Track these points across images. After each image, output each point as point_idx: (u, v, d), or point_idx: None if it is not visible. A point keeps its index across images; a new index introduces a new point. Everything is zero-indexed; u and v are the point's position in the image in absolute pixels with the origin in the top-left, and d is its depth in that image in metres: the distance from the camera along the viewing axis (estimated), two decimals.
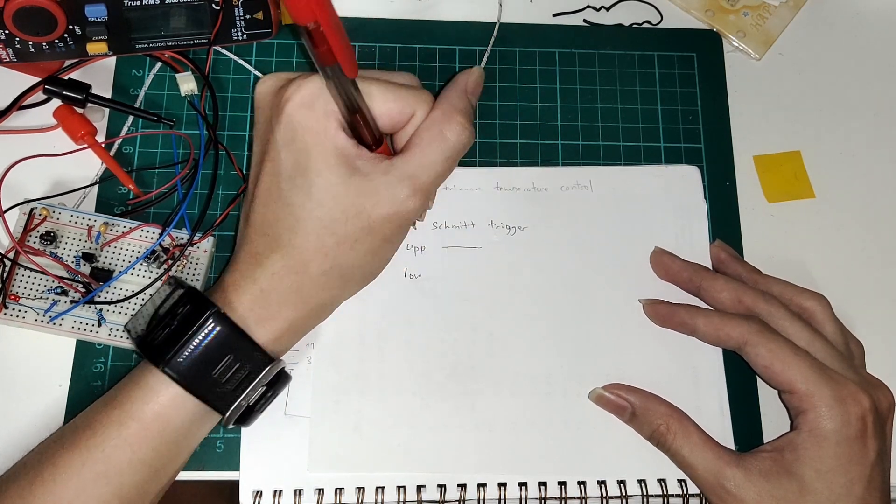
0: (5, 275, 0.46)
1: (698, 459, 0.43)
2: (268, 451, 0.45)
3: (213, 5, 0.49)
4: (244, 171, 0.51)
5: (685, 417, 0.45)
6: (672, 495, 0.45)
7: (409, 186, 0.40)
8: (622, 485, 0.46)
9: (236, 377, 0.40)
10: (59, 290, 0.46)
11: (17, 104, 0.50)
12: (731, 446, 0.46)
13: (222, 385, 0.40)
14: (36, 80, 0.50)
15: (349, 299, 0.45)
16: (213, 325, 0.40)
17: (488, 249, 0.47)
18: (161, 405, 0.39)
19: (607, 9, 0.57)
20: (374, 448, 0.45)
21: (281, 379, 0.43)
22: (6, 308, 0.46)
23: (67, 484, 0.38)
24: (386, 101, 0.41)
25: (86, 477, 0.38)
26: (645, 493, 0.45)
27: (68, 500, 0.38)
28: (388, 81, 0.42)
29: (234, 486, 0.45)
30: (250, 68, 0.53)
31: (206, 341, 0.40)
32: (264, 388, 0.42)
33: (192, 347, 0.39)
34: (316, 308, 0.43)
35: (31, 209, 0.47)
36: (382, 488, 0.45)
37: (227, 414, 0.41)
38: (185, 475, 0.45)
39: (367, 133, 0.41)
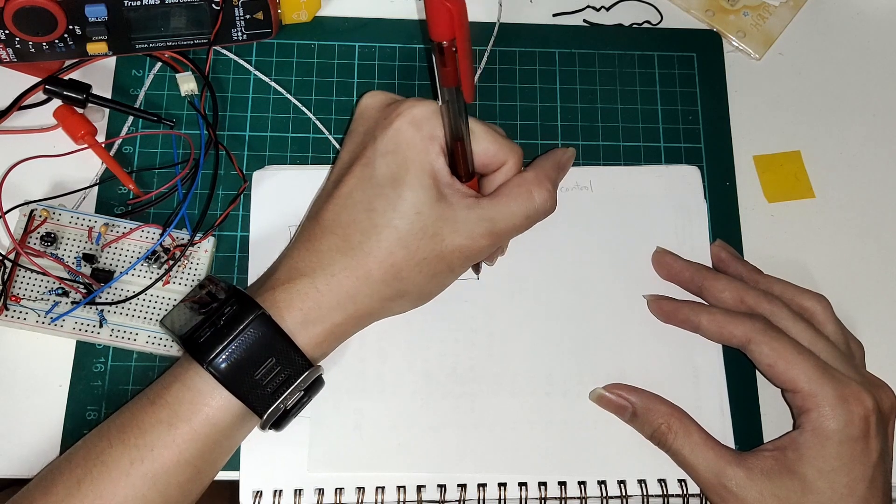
0: (6, 276, 0.46)
1: (699, 459, 0.43)
2: (268, 451, 0.45)
3: (213, 5, 0.49)
4: (244, 171, 0.51)
5: (686, 417, 0.45)
6: (672, 495, 0.45)
7: (486, 228, 0.42)
8: (622, 485, 0.46)
9: (276, 380, 0.41)
10: (59, 291, 0.46)
11: (17, 104, 0.50)
12: (732, 445, 0.46)
13: (263, 387, 0.40)
14: (36, 80, 0.50)
15: None
16: (258, 326, 0.40)
17: None
18: (210, 408, 0.40)
19: (607, 9, 0.57)
20: (374, 448, 0.45)
21: (317, 384, 0.43)
22: (7, 309, 0.45)
23: (117, 483, 0.39)
24: (486, 141, 0.43)
25: (134, 477, 0.39)
26: (645, 493, 0.45)
27: (116, 500, 0.38)
28: (491, 126, 0.44)
29: (234, 486, 0.45)
30: (250, 68, 0.53)
31: (250, 343, 0.40)
32: (301, 392, 0.42)
33: (237, 348, 0.40)
34: (364, 316, 0.43)
35: (32, 210, 0.47)
36: (382, 488, 0.45)
37: (265, 417, 0.41)
38: None
39: (462, 164, 0.43)
